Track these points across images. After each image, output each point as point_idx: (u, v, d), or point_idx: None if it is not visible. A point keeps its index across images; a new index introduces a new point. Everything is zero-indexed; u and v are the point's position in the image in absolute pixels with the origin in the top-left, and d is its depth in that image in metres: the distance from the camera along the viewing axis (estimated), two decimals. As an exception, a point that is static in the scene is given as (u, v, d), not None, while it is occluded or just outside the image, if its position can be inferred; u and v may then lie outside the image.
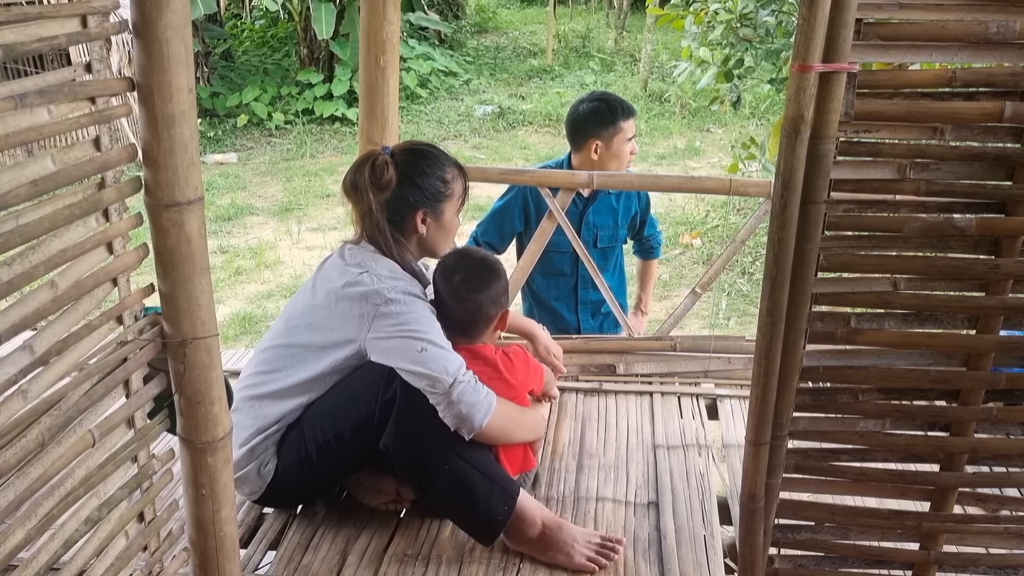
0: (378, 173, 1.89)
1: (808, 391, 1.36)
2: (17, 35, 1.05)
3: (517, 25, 14.14)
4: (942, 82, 1.22)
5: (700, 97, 9.03)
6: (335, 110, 9.43)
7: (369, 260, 1.87)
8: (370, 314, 1.79)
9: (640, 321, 3.17)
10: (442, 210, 1.96)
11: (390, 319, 1.78)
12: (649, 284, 3.23)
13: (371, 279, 1.81)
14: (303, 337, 1.88)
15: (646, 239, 3.07)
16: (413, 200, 1.92)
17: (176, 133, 1.16)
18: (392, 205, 1.91)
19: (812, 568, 1.49)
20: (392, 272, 1.87)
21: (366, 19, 2.38)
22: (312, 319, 1.88)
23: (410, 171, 1.92)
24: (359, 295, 1.80)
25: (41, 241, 1.12)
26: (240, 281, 5.69)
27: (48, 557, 1.22)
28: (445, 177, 1.95)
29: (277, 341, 1.93)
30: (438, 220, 1.96)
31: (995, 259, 1.26)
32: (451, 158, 2.01)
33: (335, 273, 1.88)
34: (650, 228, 3.04)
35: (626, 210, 2.87)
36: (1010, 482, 1.50)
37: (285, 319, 1.96)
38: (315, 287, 1.91)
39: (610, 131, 2.67)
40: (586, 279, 2.82)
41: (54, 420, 1.16)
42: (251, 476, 1.89)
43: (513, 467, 1.95)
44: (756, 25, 4.78)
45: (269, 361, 1.92)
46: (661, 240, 3.14)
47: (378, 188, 1.89)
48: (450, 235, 2.03)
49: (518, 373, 1.96)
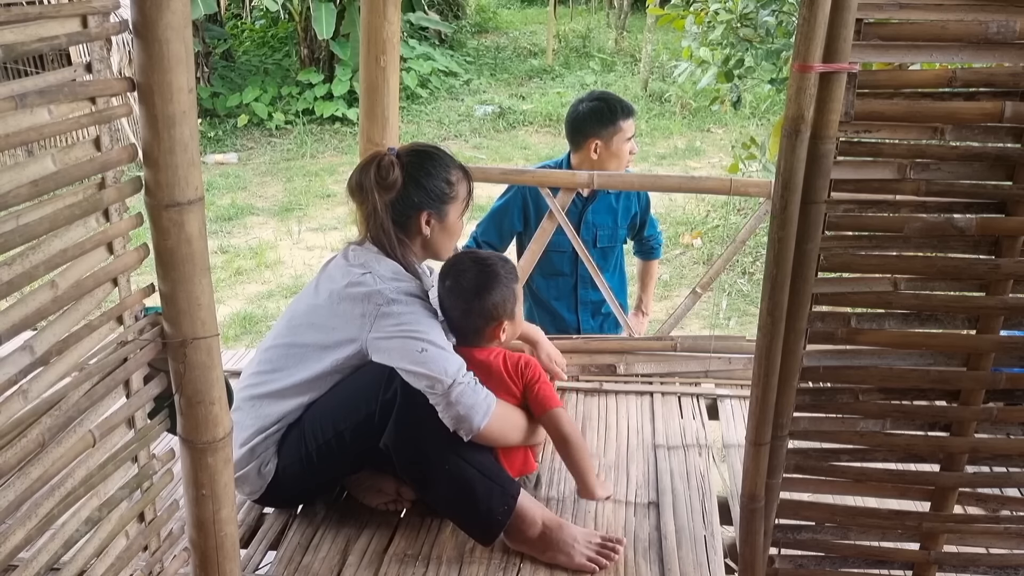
0: (384, 173, 1.89)
1: (808, 391, 1.36)
2: (17, 35, 1.05)
3: (517, 25, 14.13)
4: (942, 82, 1.22)
5: (700, 97, 9.03)
6: (335, 110, 9.43)
7: (372, 261, 1.87)
8: (372, 314, 1.79)
9: (641, 322, 3.16)
10: (446, 212, 1.96)
11: (391, 319, 1.78)
12: (650, 285, 3.21)
13: (373, 279, 1.82)
14: (305, 337, 1.89)
15: (646, 239, 3.06)
16: (418, 201, 1.92)
17: (176, 133, 1.16)
18: (397, 206, 1.91)
19: (812, 568, 1.49)
20: (395, 273, 1.87)
21: (366, 19, 2.38)
22: (314, 319, 1.88)
23: (415, 172, 1.92)
24: (361, 295, 1.80)
25: (41, 241, 1.12)
26: (240, 281, 5.69)
27: (48, 557, 1.22)
28: (450, 179, 1.95)
29: (279, 340, 1.93)
30: (442, 222, 1.96)
31: (995, 259, 1.26)
32: (456, 161, 2.01)
33: (338, 273, 1.88)
34: (650, 228, 3.03)
35: (626, 210, 2.87)
36: (1010, 482, 1.50)
37: (288, 319, 1.96)
38: (318, 287, 1.92)
39: (610, 131, 2.67)
40: (586, 279, 2.81)
41: (54, 420, 1.16)
42: (251, 476, 1.89)
43: (513, 469, 1.94)
44: (756, 25, 4.77)
45: (271, 360, 1.92)
46: (661, 241, 3.13)
47: (384, 188, 1.89)
48: (453, 237, 2.03)
49: (520, 380, 1.95)
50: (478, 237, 2.88)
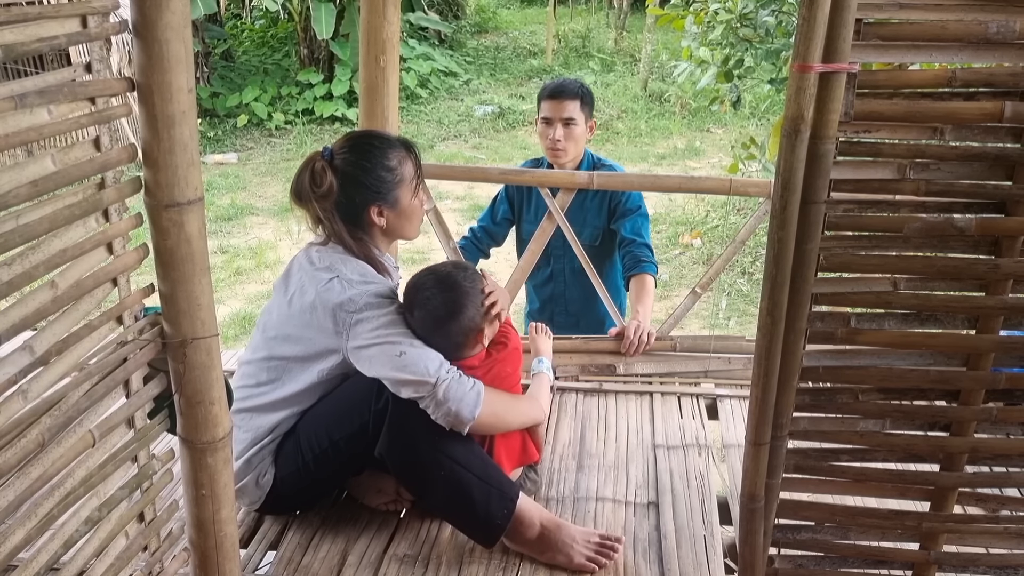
0: (318, 181, 1.85)
1: (808, 391, 1.36)
2: (17, 35, 1.05)
3: (517, 25, 14.13)
4: (942, 82, 1.22)
5: (700, 97, 9.03)
6: (335, 110, 9.44)
7: (338, 263, 1.83)
8: (346, 322, 1.76)
9: (632, 339, 2.60)
10: (396, 198, 1.90)
11: (366, 324, 1.75)
12: (644, 299, 2.65)
13: (342, 285, 1.78)
14: (282, 349, 1.86)
15: (630, 242, 2.71)
16: (360, 200, 1.88)
17: (176, 133, 1.16)
18: (342, 208, 1.87)
19: (812, 568, 1.49)
20: (363, 275, 1.83)
21: (366, 19, 2.38)
22: (288, 330, 1.85)
23: (351, 170, 1.87)
24: (333, 305, 1.77)
25: (41, 241, 1.12)
26: (240, 281, 5.69)
27: (48, 557, 1.22)
28: (389, 165, 1.89)
29: (258, 354, 1.90)
30: (395, 208, 1.91)
31: (995, 259, 1.26)
32: (393, 140, 1.94)
33: (306, 279, 1.84)
34: (636, 227, 2.73)
35: (601, 197, 2.76)
36: (1010, 482, 1.50)
37: (261, 329, 1.93)
38: (287, 295, 1.87)
39: (539, 110, 2.75)
40: (558, 274, 2.86)
41: (54, 420, 1.16)
42: (250, 487, 1.88)
43: (512, 460, 1.94)
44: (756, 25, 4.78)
45: (253, 375, 1.90)
46: (652, 257, 2.70)
47: (320, 196, 1.85)
48: (414, 217, 1.97)
49: (506, 364, 1.94)
50: (475, 225, 2.97)
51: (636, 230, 2.72)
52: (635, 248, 2.69)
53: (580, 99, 2.67)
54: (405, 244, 2.08)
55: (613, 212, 2.77)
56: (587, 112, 2.71)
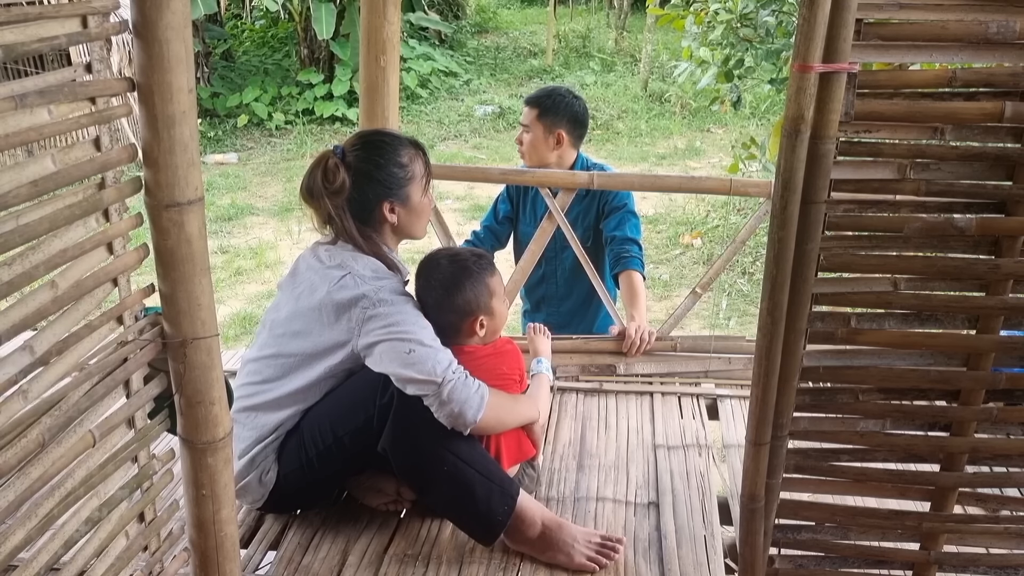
0: (330, 178, 1.86)
1: (808, 391, 1.36)
2: (17, 35, 1.06)
3: (517, 25, 14.13)
4: (942, 82, 1.22)
5: (700, 97, 9.03)
6: (335, 110, 9.44)
7: (349, 260, 1.84)
8: (359, 318, 1.77)
9: (636, 341, 2.61)
10: (407, 194, 1.92)
11: (378, 320, 1.76)
12: (636, 299, 2.65)
13: (355, 281, 1.79)
14: (292, 346, 1.86)
15: (613, 239, 2.72)
16: (373, 196, 1.89)
17: (176, 133, 1.16)
18: (354, 204, 1.89)
19: (812, 568, 1.49)
20: (375, 271, 1.84)
21: (366, 19, 2.38)
22: (298, 326, 1.85)
23: (364, 167, 1.89)
24: (346, 300, 1.78)
25: (41, 241, 1.12)
26: (240, 281, 5.69)
27: (48, 557, 1.22)
28: (401, 162, 1.91)
29: (266, 351, 1.90)
30: (406, 205, 1.93)
31: (995, 259, 1.26)
32: (404, 139, 1.97)
33: (316, 277, 1.85)
34: (621, 224, 2.72)
35: (591, 197, 2.77)
36: (1010, 482, 1.50)
37: (269, 327, 1.93)
38: (295, 293, 1.88)
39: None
40: (550, 276, 2.87)
41: (54, 420, 1.16)
42: (252, 485, 1.88)
43: (510, 456, 1.94)
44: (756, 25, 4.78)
45: (260, 372, 1.90)
46: (638, 252, 2.71)
47: (333, 193, 1.86)
48: (423, 215, 1.99)
49: (504, 363, 1.95)
50: (478, 228, 2.99)
51: (620, 226, 2.73)
52: (617, 245, 2.71)
53: (539, 108, 2.69)
54: (406, 244, 2.09)
55: (601, 211, 2.79)
56: (547, 122, 2.67)
